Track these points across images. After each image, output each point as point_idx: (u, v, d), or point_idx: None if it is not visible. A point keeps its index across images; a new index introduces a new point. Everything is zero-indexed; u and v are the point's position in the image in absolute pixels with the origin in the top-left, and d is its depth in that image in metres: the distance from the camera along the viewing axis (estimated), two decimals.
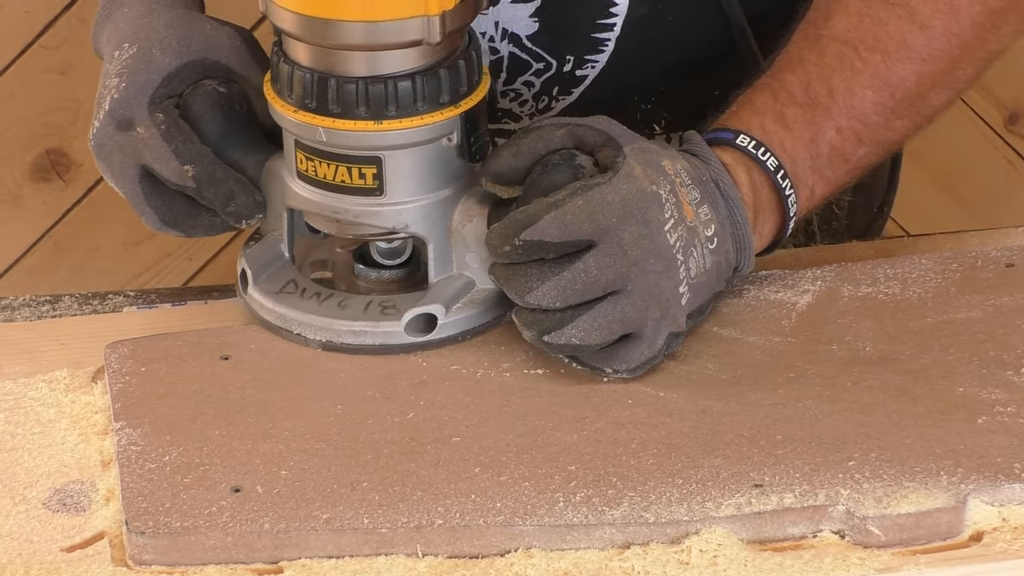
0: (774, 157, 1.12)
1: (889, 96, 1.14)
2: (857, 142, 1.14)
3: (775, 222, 1.13)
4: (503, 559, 0.98)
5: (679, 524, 0.98)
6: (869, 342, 1.11)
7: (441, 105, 1.07)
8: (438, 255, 1.10)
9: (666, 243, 1.05)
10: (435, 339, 1.09)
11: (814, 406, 1.06)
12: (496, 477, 1.01)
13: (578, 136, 1.07)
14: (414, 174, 1.08)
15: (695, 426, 1.05)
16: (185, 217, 1.13)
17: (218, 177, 1.11)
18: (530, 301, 1.04)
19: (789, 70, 1.14)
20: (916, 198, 2.26)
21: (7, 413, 1.07)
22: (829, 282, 1.16)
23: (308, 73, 1.06)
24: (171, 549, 0.97)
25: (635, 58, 1.26)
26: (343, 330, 1.09)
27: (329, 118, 1.06)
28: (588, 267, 1.04)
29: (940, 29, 1.14)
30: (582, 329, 1.04)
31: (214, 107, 1.12)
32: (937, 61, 1.14)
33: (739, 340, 1.11)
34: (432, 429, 1.04)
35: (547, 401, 1.07)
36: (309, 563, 0.97)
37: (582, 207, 1.04)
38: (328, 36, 1.05)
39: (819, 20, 1.15)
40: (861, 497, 0.99)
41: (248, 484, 1.00)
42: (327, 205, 1.09)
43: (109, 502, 1.01)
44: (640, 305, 1.05)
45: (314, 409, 1.06)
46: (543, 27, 1.25)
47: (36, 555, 0.97)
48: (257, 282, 1.12)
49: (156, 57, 1.11)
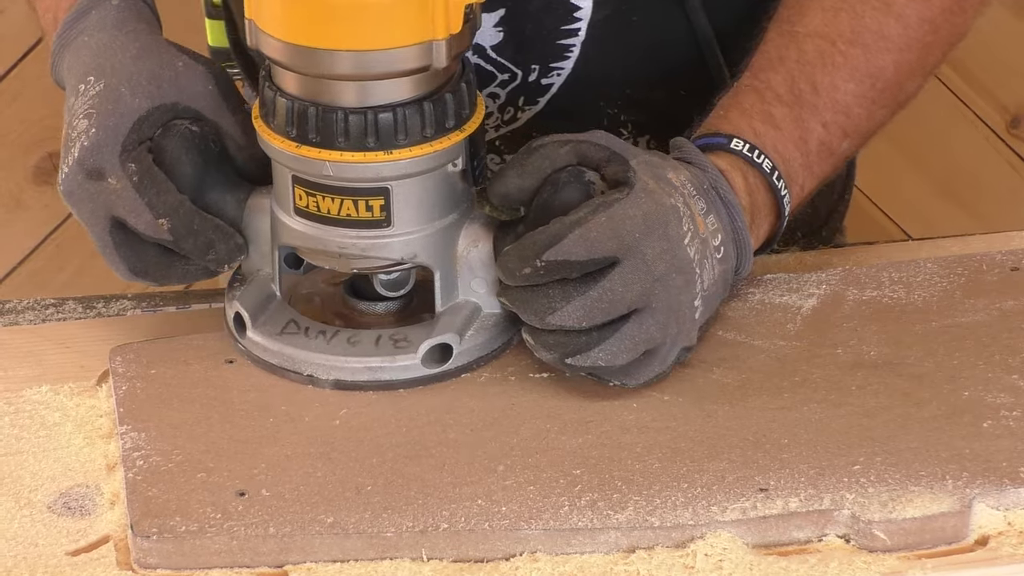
0: (768, 159, 1.11)
1: (870, 87, 1.14)
2: (842, 135, 1.14)
3: (770, 223, 1.13)
4: (508, 563, 0.98)
5: (684, 528, 0.98)
6: (874, 346, 1.11)
7: (448, 130, 1.05)
8: (445, 283, 1.07)
9: (687, 257, 1.04)
10: (452, 369, 1.07)
11: (819, 410, 1.06)
12: (501, 481, 1.01)
13: (582, 153, 1.06)
14: (421, 202, 1.05)
15: (700, 430, 1.04)
16: (157, 267, 1.08)
17: (196, 228, 1.06)
18: (553, 322, 1.02)
19: (771, 69, 1.14)
20: (919, 202, 2.26)
21: (12, 417, 1.07)
22: (834, 286, 1.16)
23: (310, 106, 1.02)
24: (176, 553, 0.97)
25: (600, 62, 1.25)
26: (358, 367, 1.06)
27: (336, 151, 1.03)
28: (614, 285, 1.02)
29: (915, 18, 1.15)
30: (609, 352, 1.03)
31: (190, 148, 1.07)
32: (913, 49, 1.15)
33: (744, 344, 1.11)
34: (437, 433, 1.04)
35: (552, 405, 1.06)
36: (314, 567, 0.97)
37: (605, 224, 1.02)
38: (330, 67, 1.01)
39: (793, 17, 1.15)
40: (866, 501, 0.99)
41: (253, 488, 1.00)
42: (331, 240, 1.05)
43: (114, 506, 1.01)
44: (662, 322, 1.04)
45: (319, 413, 1.06)
46: (508, 36, 1.23)
47: (41, 558, 0.97)
48: (256, 324, 1.08)
49: (125, 97, 1.06)
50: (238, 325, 1.10)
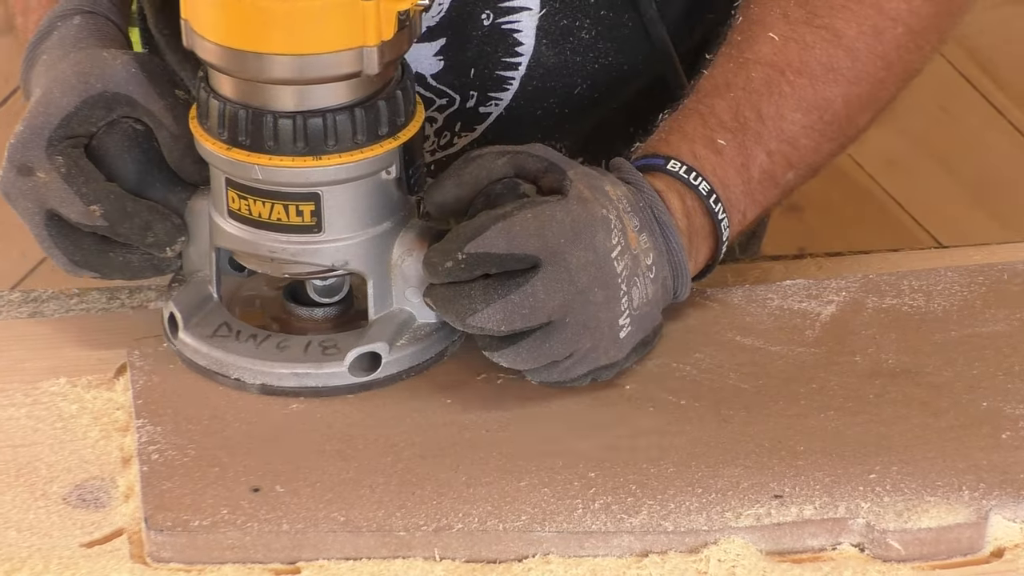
0: (706, 182, 1.10)
1: (818, 119, 1.13)
2: (787, 165, 1.13)
3: (709, 247, 1.12)
4: (521, 564, 0.98)
5: (698, 533, 0.98)
6: (893, 354, 1.10)
7: (380, 137, 1.03)
8: (378, 291, 1.06)
9: (612, 271, 1.03)
10: (379, 378, 1.06)
11: (836, 418, 1.05)
12: (515, 482, 1.01)
13: (519, 163, 1.06)
14: (353, 209, 1.04)
15: (716, 435, 1.04)
16: (96, 255, 1.08)
17: (129, 210, 1.06)
18: (473, 324, 1.01)
19: (717, 95, 1.13)
20: (950, 210, 2.25)
21: (30, 408, 1.08)
22: (853, 293, 1.16)
23: (241, 109, 1.02)
24: (189, 547, 0.97)
25: (540, 96, 1.25)
26: (284, 373, 1.05)
27: (265, 155, 1.02)
28: (536, 290, 1.01)
29: (865, 52, 1.13)
30: (511, 357, 1.03)
31: (132, 146, 1.08)
32: (863, 83, 1.14)
33: (762, 349, 1.11)
34: (452, 433, 1.04)
35: (568, 407, 1.06)
36: (327, 564, 0.97)
37: (531, 220, 1.02)
38: (263, 71, 1.01)
39: (743, 44, 1.14)
40: (882, 510, 0.99)
41: (267, 484, 1.00)
42: (262, 244, 1.05)
43: (128, 499, 1.01)
44: (571, 338, 1.03)
45: (333, 409, 1.06)
46: (447, 65, 1.23)
47: (55, 550, 0.98)
48: (188, 326, 1.08)
49: (56, 98, 1.07)
50: (172, 326, 1.09)
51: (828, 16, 1.13)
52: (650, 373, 1.09)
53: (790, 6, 1.13)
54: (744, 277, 1.20)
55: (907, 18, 1.14)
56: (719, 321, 1.14)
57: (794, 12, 1.13)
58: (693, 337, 1.12)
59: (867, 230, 2.28)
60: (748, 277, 1.20)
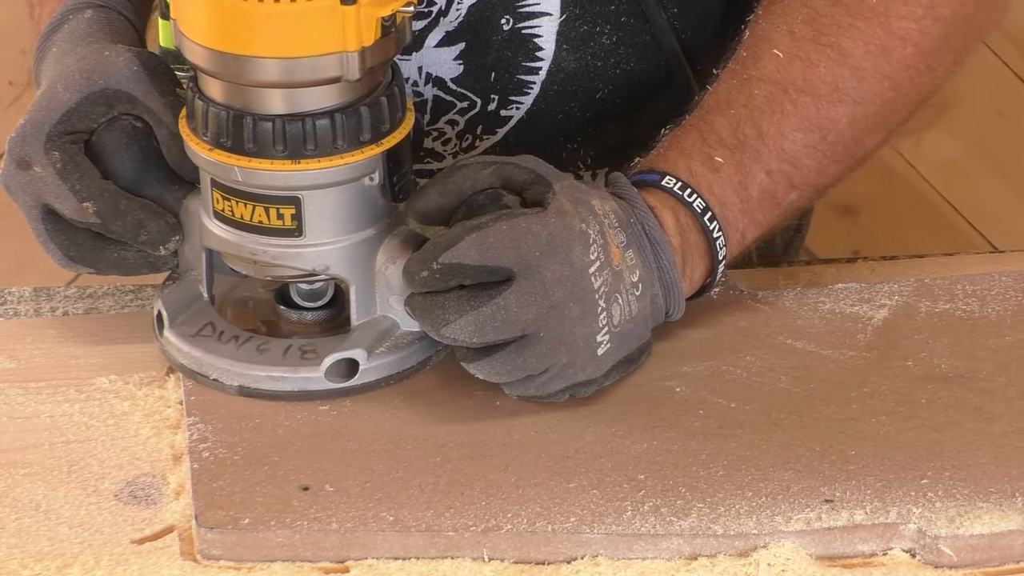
0: (701, 199, 1.09)
1: (821, 139, 1.11)
2: (789, 186, 1.11)
3: (705, 266, 1.10)
4: (569, 566, 0.98)
5: (747, 537, 0.98)
6: (945, 359, 1.10)
7: (362, 143, 1.03)
8: (360, 298, 1.06)
9: (589, 286, 1.02)
10: (356, 385, 1.05)
11: (888, 422, 1.05)
12: (564, 484, 1.01)
13: (505, 175, 1.05)
14: (335, 214, 1.04)
15: (766, 439, 1.04)
16: (91, 251, 1.09)
17: (122, 209, 1.07)
18: (446, 334, 1.01)
19: (718, 112, 1.11)
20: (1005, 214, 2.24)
21: (83, 404, 1.08)
22: (906, 297, 1.15)
23: (223, 110, 1.02)
24: (239, 545, 0.98)
25: (561, 101, 1.24)
26: (261, 376, 1.05)
27: (245, 157, 1.02)
28: (508, 304, 1.01)
29: (871, 71, 1.11)
30: (486, 368, 1.02)
31: (130, 143, 1.08)
32: (870, 104, 1.11)
33: (813, 353, 1.10)
34: (502, 434, 1.04)
35: (617, 409, 1.06)
36: (375, 563, 0.98)
37: (505, 232, 1.01)
38: (243, 73, 1.01)
39: (748, 60, 1.12)
40: (933, 516, 0.98)
41: (317, 483, 1.00)
42: (244, 246, 1.05)
43: (179, 496, 1.02)
44: (546, 353, 1.02)
45: (383, 409, 1.06)
46: (467, 69, 1.23)
47: (107, 546, 0.98)
48: (174, 324, 1.08)
49: (59, 93, 1.07)
50: (159, 324, 1.09)
51: (834, 34, 1.10)
52: (700, 376, 1.09)
53: (797, 23, 1.11)
54: (796, 280, 1.20)
55: (917, 38, 1.11)
56: (770, 324, 1.13)
57: (800, 29, 1.11)
58: (744, 340, 1.12)
59: (921, 234, 2.26)
60: (800, 280, 1.20)
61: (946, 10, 1.11)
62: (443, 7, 1.21)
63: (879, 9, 1.10)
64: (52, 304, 1.17)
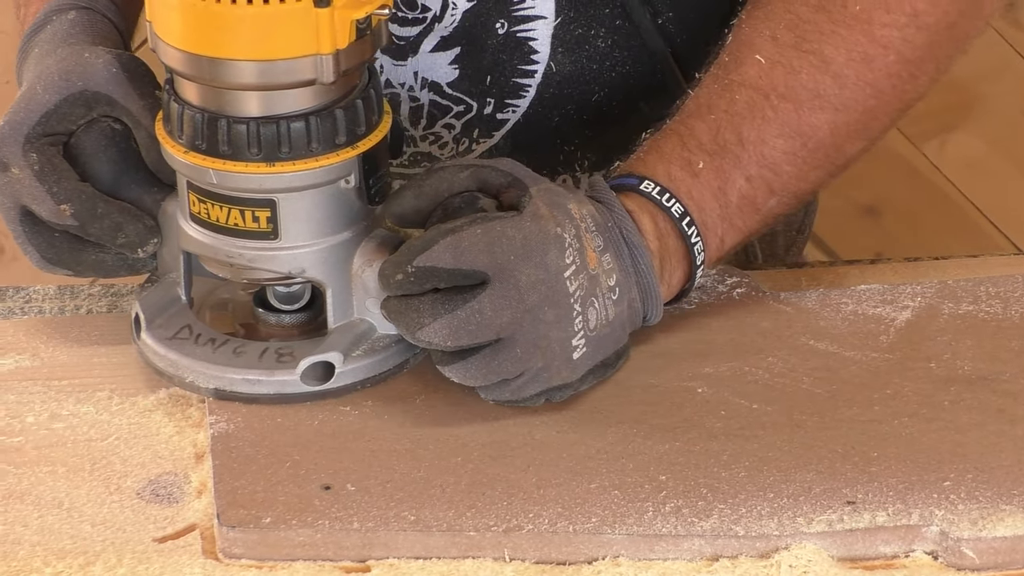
0: (679, 204, 1.08)
1: (801, 146, 1.10)
2: (768, 192, 1.11)
3: (684, 270, 1.10)
4: (590, 567, 0.97)
5: (769, 538, 0.98)
6: (968, 361, 1.09)
7: (337, 146, 1.03)
8: (337, 300, 1.06)
9: (564, 290, 1.02)
10: (333, 388, 1.05)
11: (910, 424, 1.05)
12: (586, 484, 1.01)
13: (482, 178, 1.05)
14: (310, 217, 1.04)
15: (788, 440, 1.04)
16: (69, 253, 1.09)
17: (100, 211, 1.06)
18: (421, 338, 1.01)
19: (698, 116, 1.11)
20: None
21: (105, 403, 1.08)
22: (929, 298, 1.15)
23: (198, 113, 1.02)
24: (261, 544, 0.98)
25: (557, 104, 1.24)
26: (236, 379, 1.05)
27: (220, 160, 1.02)
28: (483, 307, 1.00)
29: (854, 79, 1.10)
30: (461, 372, 1.02)
31: (108, 145, 1.08)
32: (851, 111, 1.11)
33: (836, 355, 1.10)
34: (523, 434, 1.04)
35: (639, 410, 1.06)
36: (397, 563, 0.98)
37: (480, 236, 1.01)
38: (218, 75, 1.00)
39: (730, 66, 1.12)
40: (956, 518, 0.98)
41: (338, 482, 1.00)
42: (220, 249, 1.05)
43: (201, 495, 1.02)
44: (521, 356, 1.02)
45: (404, 409, 1.06)
46: (463, 73, 1.23)
47: (129, 544, 0.98)
48: (150, 327, 1.08)
49: (38, 94, 1.07)
50: (136, 326, 1.09)
51: (817, 41, 1.10)
52: (723, 377, 1.09)
53: (779, 29, 1.11)
54: (819, 281, 1.20)
55: (899, 46, 1.11)
56: (793, 325, 1.13)
57: (783, 35, 1.11)
58: (766, 341, 1.12)
59: (945, 235, 2.26)
60: (823, 281, 1.20)
61: (930, 19, 1.11)
62: (438, 13, 1.21)
63: (862, 17, 1.10)
64: (76, 302, 1.18)
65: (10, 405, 1.08)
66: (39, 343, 1.13)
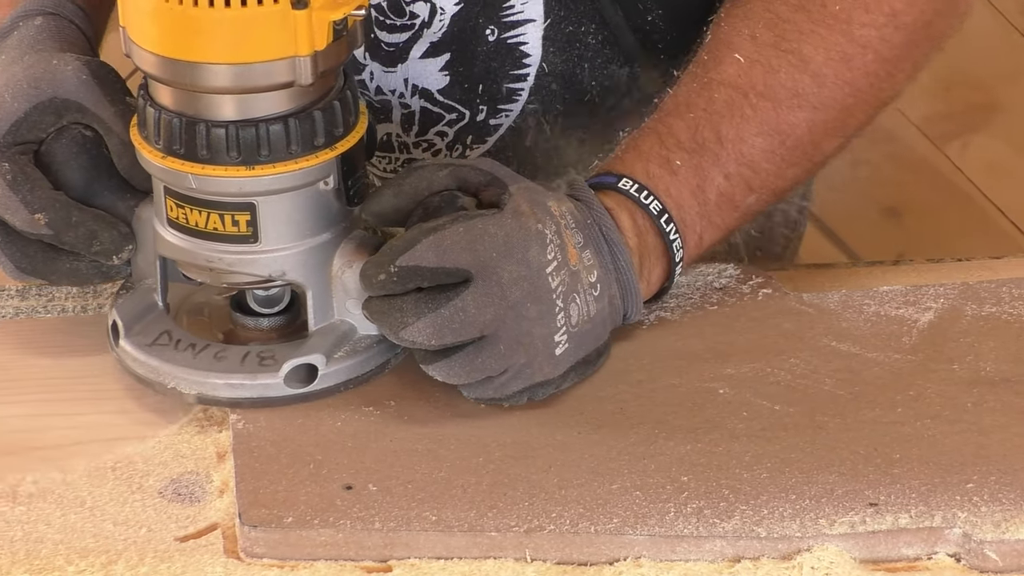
0: (658, 201, 1.09)
1: (780, 144, 1.11)
2: (747, 189, 1.11)
3: (663, 268, 1.10)
4: (612, 567, 0.97)
5: (791, 540, 0.97)
6: (991, 363, 1.09)
7: (316, 148, 1.02)
8: (318, 303, 1.05)
9: (546, 286, 1.02)
10: (316, 390, 1.05)
11: (933, 426, 1.04)
12: (607, 485, 1.00)
13: (461, 177, 1.05)
14: (290, 219, 1.03)
15: (810, 441, 1.03)
16: (44, 262, 1.07)
17: (74, 220, 1.05)
18: (405, 337, 1.01)
19: (677, 115, 1.11)
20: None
21: (128, 401, 1.09)
22: (952, 300, 1.15)
23: (176, 117, 1.01)
24: (282, 543, 0.98)
25: (551, 105, 1.24)
26: (219, 383, 1.04)
27: (199, 164, 1.01)
28: (467, 305, 1.00)
29: (832, 78, 1.11)
30: (444, 370, 1.02)
31: (80, 152, 1.07)
32: (829, 109, 1.11)
33: (858, 356, 1.10)
34: (544, 434, 1.04)
35: (661, 411, 1.06)
36: (418, 563, 0.98)
37: (462, 234, 1.01)
38: (196, 79, 1.00)
39: (709, 64, 1.12)
40: (979, 520, 0.98)
41: (360, 482, 1.01)
42: (200, 253, 1.04)
43: (223, 494, 1.02)
44: (504, 353, 1.02)
45: (426, 409, 1.06)
46: (454, 80, 1.23)
47: (151, 543, 0.99)
48: (129, 334, 1.07)
49: (6, 103, 1.06)
50: (114, 334, 1.08)
51: (796, 40, 1.11)
52: (744, 378, 1.08)
53: (759, 28, 1.11)
54: (841, 282, 1.19)
55: (877, 45, 1.11)
56: (815, 326, 1.13)
57: (762, 34, 1.11)
58: (788, 342, 1.11)
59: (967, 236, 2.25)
60: (845, 282, 1.19)
61: (907, 18, 1.11)
62: (426, 19, 1.21)
63: (841, 16, 1.10)
64: (99, 301, 1.18)
65: (32, 404, 1.08)
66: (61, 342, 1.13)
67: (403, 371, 1.08)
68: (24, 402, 1.08)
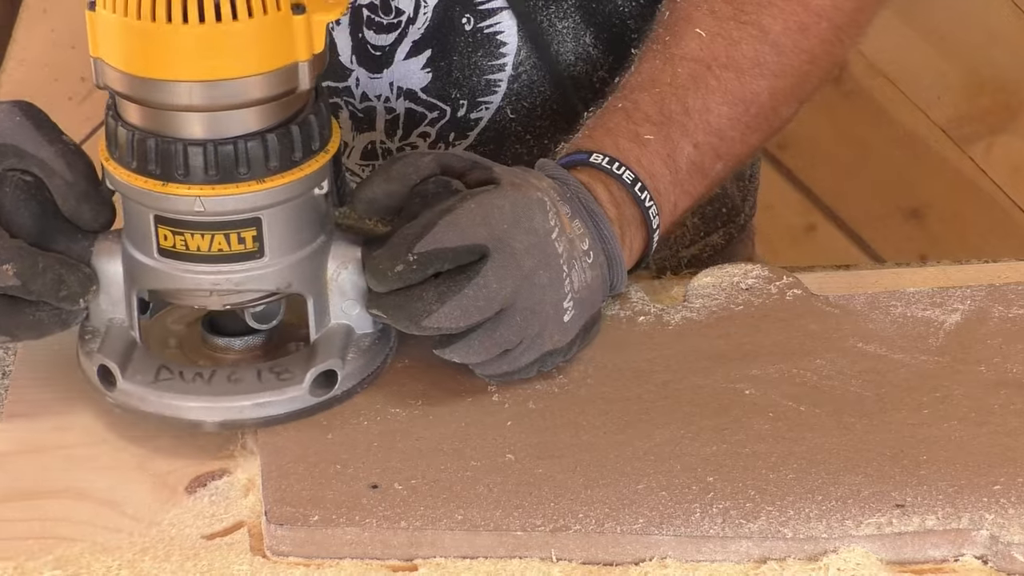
0: (630, 171, 1.10)
1: (744, 111, 1.14)
2: (715, 157, 1.14)
3: (642, 237, 1.12)
4: (637, 568, 0.97)
5: (817, 541, 0.97)
6: (1019, 364, 1.09)
7: (313, 152, 1.01)
8: (317, 309, 1.04)
9: (554, 252, 1.03)
10: (339, 394, 1.04)
11: (960, 428, 1.04)
12: (633, 485, 1.00)
13: (444, 162, 1.05)
14: (290, 229, 1.02)
15: (837, 442, 1.03)
16: (8, 317, 1.02)
17: (41, 267, 1.01)
18: (429, 325, 1.00)
19: (642, 90, 1.13)
20: None
21: None
22: (979, 301, 1.14)
23: (175, 143, 0.98)
24: (308, 542, 0.98)
25: (529, 95, 1.25)
26: (246, 405, 1.02)
27: (208, 185, 0.99)
28: (488, 281, 1.00)
29: (791, 47, 1.15)
30: (460, 353, 1.01)
31: (27, 199, 1.02)
32: (788, 77, 1.16)
33: (884, 357, 1.10)
34: (570, 435, 1.04)
35: (687, 411, 1.06)
36: (443, 562, 0.98)
37: (475, 210, 1.01)
38: (193, 99, 0.97)
39: (670, 41, 1.15)
40: (1006, 523, 0.98)
41: (386, 481, 1.01)
42: (202, 279, 1.01)
43: (249, 492, 1.02)
44: (520, 323, 1.02)
45: (452, 409, 1.06)
46: (435, 75, 1.24)
47: (177, 540, 0.99)
48: (127, 375, 1.03)
49: None
50: (105, 378, 1.05)
51: (755, 12, 1.15)
52: (770, 379, 1.08)
53: (717, 3, 1.15)
54: (867, 284, 1.19)
55: (831, 13, 1.16)
56: (841, 327, 1.13)
57: (721, 9, 1.15)
58: (814, 344, 1.11)
59: (990, 237, 2.24)
60: (871, 284, 1.19)
61: None
62: (411, 15, 1.23)
63: None
64: None
65: (56, 403, 1.08)
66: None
67: (427, 370, 1.08)
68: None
